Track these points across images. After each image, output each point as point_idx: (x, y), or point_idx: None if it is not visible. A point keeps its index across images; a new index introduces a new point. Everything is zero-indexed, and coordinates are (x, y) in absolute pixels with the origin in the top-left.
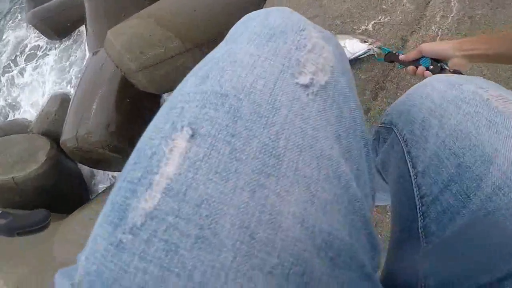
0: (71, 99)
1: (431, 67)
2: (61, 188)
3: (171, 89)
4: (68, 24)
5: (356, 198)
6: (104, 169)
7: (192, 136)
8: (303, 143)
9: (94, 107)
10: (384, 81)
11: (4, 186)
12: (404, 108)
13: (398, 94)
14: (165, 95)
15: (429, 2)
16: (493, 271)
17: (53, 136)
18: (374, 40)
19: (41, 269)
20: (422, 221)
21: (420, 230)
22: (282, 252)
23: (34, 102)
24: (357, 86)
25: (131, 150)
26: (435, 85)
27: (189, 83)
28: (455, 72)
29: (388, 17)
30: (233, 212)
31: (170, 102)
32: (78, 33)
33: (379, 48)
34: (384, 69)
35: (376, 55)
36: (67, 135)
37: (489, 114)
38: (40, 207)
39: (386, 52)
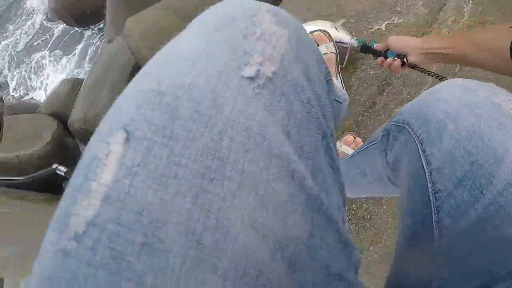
0: (83, 84)
1: (397, 59)
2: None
3: None
4: (88, 12)
5: (314, 196)
6: None
7: (127, 139)
8: (248, 141)
9: (104, 92)
10: (391, 78)
11: (7, 163)
12: (420, 110)
13: (403, 90)
14: None
15: (442, 7)
16: (507, 264)
17: (61, 118)
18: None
19: (28, 248)
20: (436, 215)
21: (434, 224)
22: (233, 255)
23: (47, 85)
24: (366, 81)
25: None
26: (450, 90)
27: (133, 81)
28: (415, 67)
29: (402, 19)
30: (176, 219)
31: (114, 103)
32: (99, 25)
33: (356, 40)
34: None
35: (355, 47)
36: (75, 117)
37: (501, 117)
38: (40, 189)
39: (361, 43)
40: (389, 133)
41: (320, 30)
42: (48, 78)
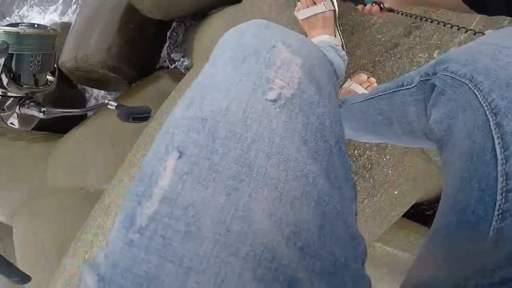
0: (72, 24)
1: (374, 5)
2: (59, 107)
3: (177, 15)
4: None
5: (325, 193)
6: (103, 89)
7: (179, 157)
8: (271, 151)
9: (95, 32)
10: (422, 21)
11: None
12: (494, 65)
13: (434, 36)
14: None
15: None
16: None
17: None
18: None
19: (35, 196)
20: (499, 222)
21: (492, 233)
22: (253, 242)
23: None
24: (391, 20)
25: (131, 71)
26: None
27: (178, 109)
28: (392, 10)
29: None
30: (212, 212)
31: (165, 127)
32: None
33: None
34: (426, 10)
35: None
36: (66, 57)
37: None
38: (38, 128)
39: None
40: (434, 84)
41: None
42: (35, 20)
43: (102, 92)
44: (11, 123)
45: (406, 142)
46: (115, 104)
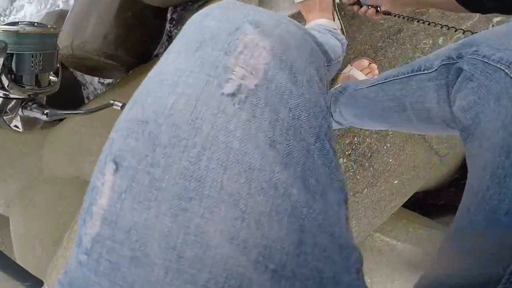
0: (68, 12)
1: (370, 7)
2: (54, 94)
3: (176, 2)
4: None
5: (302, 204)
6: (100, 76)
7: (116, 170)
8: (227, 159)
9: (92, 19)
10: (418, 21)
11: None
12: None
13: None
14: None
15: None
16: None
17: None
18: None
19: (30, 185)
20: None
21: None
22: (213, 268)
23: (33, 18)
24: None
25: (129, 59)
26: None
27: (125, 109)
28: (389, 13)
29: None
30: (158, 236)
31: (112, 131)
32: None
33: None
34: (421, 11)
35: None
36: (62, 44)
37: None
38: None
39: None
40: (460, 68)
41: None
42: (32, 9)
43: (96, 79)
44: (15, 126)
45: (420, 129)
46: (120, 104)
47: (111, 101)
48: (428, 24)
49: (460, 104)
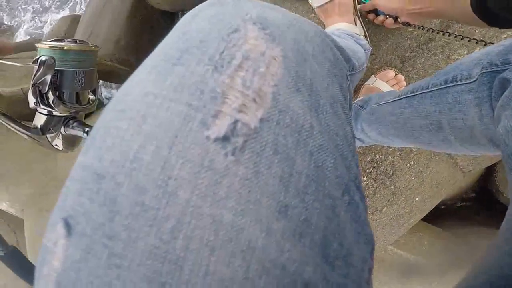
0: (81, 17)
1: (388, 17)
2: None
3: (184, 6)
4: None
5: (317, 279)
6: (113, 82)
7: (68, 234)
8: (216, 238)
9: (104, 25)
10: (439, 33)
11: (13, 98)
12: None
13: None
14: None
15: None
16: None
17: None
18: None
19: (45, 190)
20: None
21: None
22: None
23: (50, 22)
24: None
25: (138, 63)
26: None
27: (83, 147)
28: (409, 25)
29: None
30: None
31: (71, 172)
32: None
33: None
34: (447, 24)
35: None
36: None
37: None
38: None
39: None
40: (506, 79)
41: None
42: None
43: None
44: (56, 145)
45: (461, 150)
46: None
47: None
48: (453, 36)
49: (506, 123)
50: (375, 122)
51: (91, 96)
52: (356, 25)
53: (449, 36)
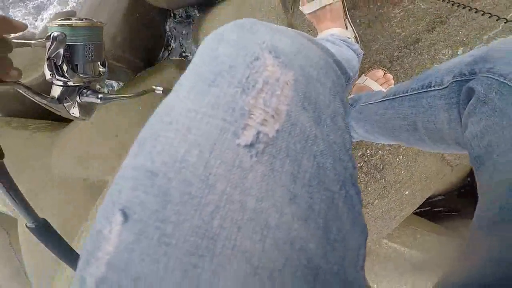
0: (77, 14)
1: None
2: None
3: (182, 4)
4: None
5: (319, 255)
6: (109, 78)
7: (125, 221)
8: (242, 218)
9: (101, 20)
10: (449, 16)
11: (6, 94)
12: None
13: (460, 32)
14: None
15: None
16: None
17: None
18: None
19: (38, 189)
20: None
21: None
22: None
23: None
24: (413, 15)
25: (136, 61)
26: None
27: (130, 151)
28: None
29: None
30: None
31: (118, 174)
32: None
33: None
34: (455, 2)
35: None
36: None
37: None
38: (42, 117)
39: None
40: (472, 88)
41: None
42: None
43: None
44: (73, 113)
45: (434, 149)
46: (162, 89)
47: (153, 87)
48: (476, 12)
49: (472, 130)
50: (362, 120)
51: (101, 68)
52: (347, 28)
53: (470, 10)
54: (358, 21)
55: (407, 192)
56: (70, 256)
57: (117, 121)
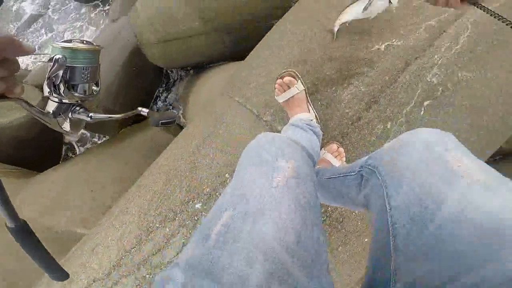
0: None
1: None
2: (39, 144)
3: (178, 65)
4: None
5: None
6: (93, 131)
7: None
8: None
9: (102, 67)
10: (379, 96)
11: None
12: (389, 160)
13: (387, 109)
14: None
15: (442, 33)
16: (442, 274)
17: None
18: None
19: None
20: (393, 240)
21: (392, 248)
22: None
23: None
24: (356, 96)
25: (119, 113)
26: (415, 146)
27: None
28: (476, 4)
29: (401, 41)
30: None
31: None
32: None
33: None
34: (382, 86)
35: None
36: None
37: (446, 172)
38: (15, 159)
39: None
40: (363, 174)
41: (287, 71)
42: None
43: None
44: (64, 127)
45: (354, 208)
46: (147, 111)
47: (139, 108)
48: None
49: (362, 196)
50: (319, 190)
51: (94, 88)
52: (309, 111)
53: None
54: (319, 103)
55: (366, 240)
56: (46, 261)
57: (95, 176)
